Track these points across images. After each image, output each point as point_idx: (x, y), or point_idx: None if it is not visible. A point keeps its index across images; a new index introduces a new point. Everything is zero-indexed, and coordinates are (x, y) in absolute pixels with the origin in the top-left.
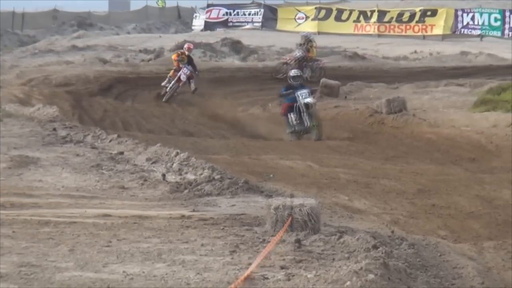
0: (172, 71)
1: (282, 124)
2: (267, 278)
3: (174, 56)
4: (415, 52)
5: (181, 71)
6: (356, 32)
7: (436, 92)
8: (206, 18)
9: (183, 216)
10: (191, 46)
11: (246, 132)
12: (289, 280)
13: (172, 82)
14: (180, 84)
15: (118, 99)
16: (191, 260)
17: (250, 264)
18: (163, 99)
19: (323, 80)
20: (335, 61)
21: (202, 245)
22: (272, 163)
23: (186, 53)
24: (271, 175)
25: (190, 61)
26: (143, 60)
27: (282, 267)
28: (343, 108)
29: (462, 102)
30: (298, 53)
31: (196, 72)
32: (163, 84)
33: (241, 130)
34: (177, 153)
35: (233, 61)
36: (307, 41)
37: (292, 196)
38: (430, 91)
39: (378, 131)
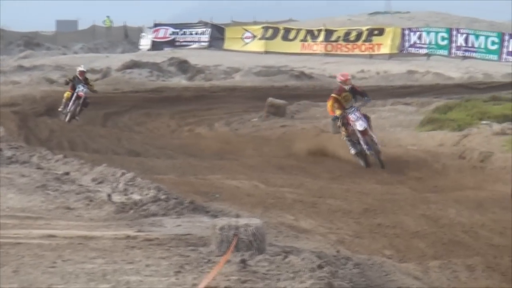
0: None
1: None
2: None
3: (66, 95)
4: (362, 71)
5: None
6: (303, 51)
7: (383, 111)
8: (153, 38)
9: (128, 237)
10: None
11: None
12: None
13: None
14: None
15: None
16: (136, 281)
17: (195, 284)
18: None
19: (269, 99)
20: (282, 80)
21: (147, 265)
22: (218, 183)
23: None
24: (217, 195)
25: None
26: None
27: None
28: (290, 127)
29: (409, 121)
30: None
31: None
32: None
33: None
34: (123, 173)
35: (180, 81)
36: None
37: (237, 216)
38: (377, 110)
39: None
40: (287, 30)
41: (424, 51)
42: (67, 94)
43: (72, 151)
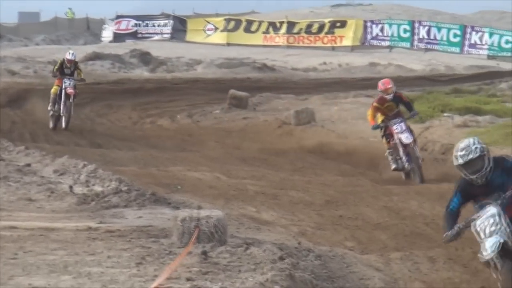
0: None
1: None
2: None
3: (53, 90)
4: (324, 63)
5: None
6: (265, 43)
7: (345, 104)
8: (115, 30)
9: (90, 228)
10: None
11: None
12: None
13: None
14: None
15: (27, 111)
16: (97, 272)
17: (156, 276)
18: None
19: (232, 91)
20: (244, 72)
21: (108, 257)
22: (180, 175)
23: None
24: (179, 187)
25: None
26: (52, 72)
27: (188, 279)
28: (252, 119)
29: None
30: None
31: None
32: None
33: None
34: (85, 165)
35: (142, 73)
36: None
37: (199, 207)
38: (339, 102)
39: (287, 142)
40: (249, 22)
41: (386, 43)
42: (54, 90)
43: (34, 143)
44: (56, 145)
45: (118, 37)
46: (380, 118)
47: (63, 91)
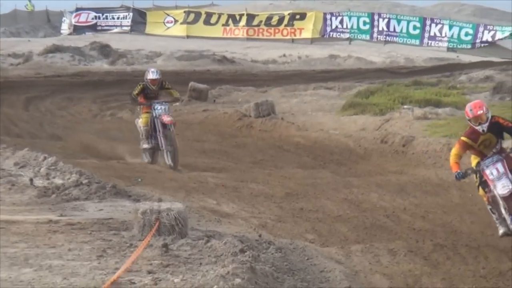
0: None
1: None
2: (134, 283)
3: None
4: (284, 55)
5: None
6: (225, 35)
7: (305, 96)
8: (75, 22)
9: (50, 221)
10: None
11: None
12: (156, 284)
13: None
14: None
15: None
16: (58, 265)
17: (117, 268)
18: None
19: (191, 83)
20: (204, 64)
21: (69, 249)
22: (140, 168)
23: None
24: (140, 179)
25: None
26: (12, 64)
27: (149, 272)
28: (212, 111)
29: (331, 105)
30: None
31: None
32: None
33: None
34: (45, 158)
35: (102, 65)
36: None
37: (159, 200)
38: (299, 94)
39: (247, 134)
40: (209, 15)
41: (346, 35)
42: (144, 120)
43: None
44: (16, 138)
45: (77, 30)
46: (474, 160)
47: (156, 120)
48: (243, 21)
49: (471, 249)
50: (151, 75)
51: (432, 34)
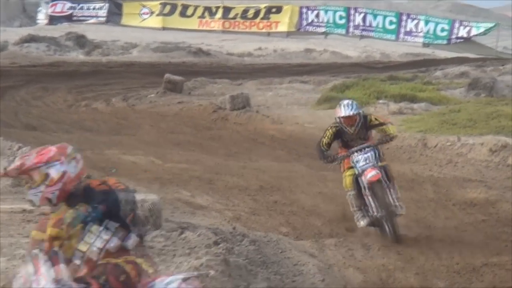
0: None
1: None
2: None
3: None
4: (260, 48)
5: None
6: (201, 28)
7: (280, 89)
8: (51, 12)
9: (24, 210)
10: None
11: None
12: None
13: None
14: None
15: None
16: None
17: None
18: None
19: (167, 75)
20: (180, 56)
21: None
22: (115, 158)
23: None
24: (114, 170)
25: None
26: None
27: None
28: (187, 103)
29: (306, 99)
30: None
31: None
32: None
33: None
34: (20, 147)
35: (77, 56)
36: None
37: (134, 191)
38: (274, 87)
39: (222, 127)
40: (185, 7)
41: (322, 29)
42: (348, 181)
43: None
44: None
45: (53, 20)
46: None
47: (361, 179)
48: (219, 14)
49: (445, 244)
50: (344, 110)
51: (408, 29)
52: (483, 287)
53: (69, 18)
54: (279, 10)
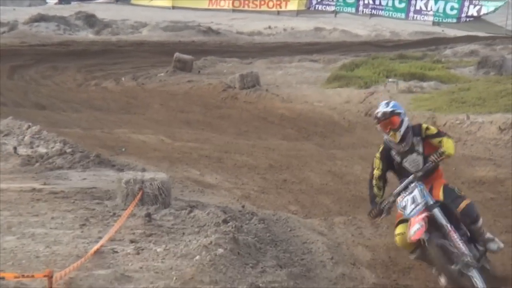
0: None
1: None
2: (116, 252)
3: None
4: (269, 27)
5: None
6: (210, 6)
7: (290, 68)
8: None
9: (33, 189)
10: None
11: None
12: (138, 254)
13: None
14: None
15: None
16: (41, 233)
17: (100, 237)
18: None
19: (176, 54)
20: (189, 35)
21: (52, 218)
22: (124, 137)
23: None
24: (123, 149)
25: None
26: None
27: (131, 241)
28: (197, 82)
29: (316, 78)
30: None
31: None
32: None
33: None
34: (29, 126)
35: (87, 35)
36: None
37: (143, 170)
38: (283, 66)
39: (231, 106)
40: None
41: (332, 8)
42: (400, 240)
43: None
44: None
45: None
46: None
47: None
48: None
49: None
50: (380, 108)
51: (417, 8)
52: (492, 265)
53: None
54: None
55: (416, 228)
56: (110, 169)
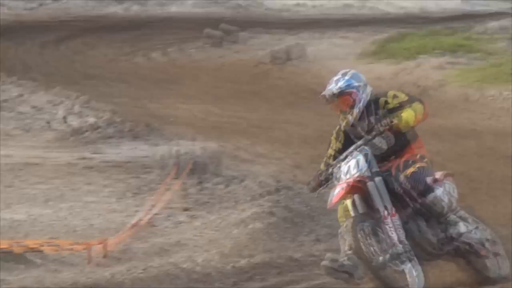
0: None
1: None
2: (170, 219)
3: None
4: (298, 4)
5: None
6: None
7: (320, 44)
8: None
9: (84, 158)
10: None
11: None
12: (191, 222)
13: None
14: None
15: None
16: (93, 201)
17: (152, 205)
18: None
19: (207, 30)
20: (220, 11)
21: (104, 186)
22: (173, 107)
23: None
24: (172, 119)
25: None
26: (25, 9)
27: (185, 209)
28: (228, 58)
29: (346, 54)
30: None
31: None
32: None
33: None
34: (78, 96)
35: (116, 11)
36: None
37: (193, 139)
38: (313, 42)
39: (263, 81)
40: None
41: None
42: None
43: (26, 73)
44: (48, 76)
45: None
46: None
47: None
48: None
49: (490, 197)
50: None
51: None
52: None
53: None
54: None
55: (336, 191)
56: (160, 138)
